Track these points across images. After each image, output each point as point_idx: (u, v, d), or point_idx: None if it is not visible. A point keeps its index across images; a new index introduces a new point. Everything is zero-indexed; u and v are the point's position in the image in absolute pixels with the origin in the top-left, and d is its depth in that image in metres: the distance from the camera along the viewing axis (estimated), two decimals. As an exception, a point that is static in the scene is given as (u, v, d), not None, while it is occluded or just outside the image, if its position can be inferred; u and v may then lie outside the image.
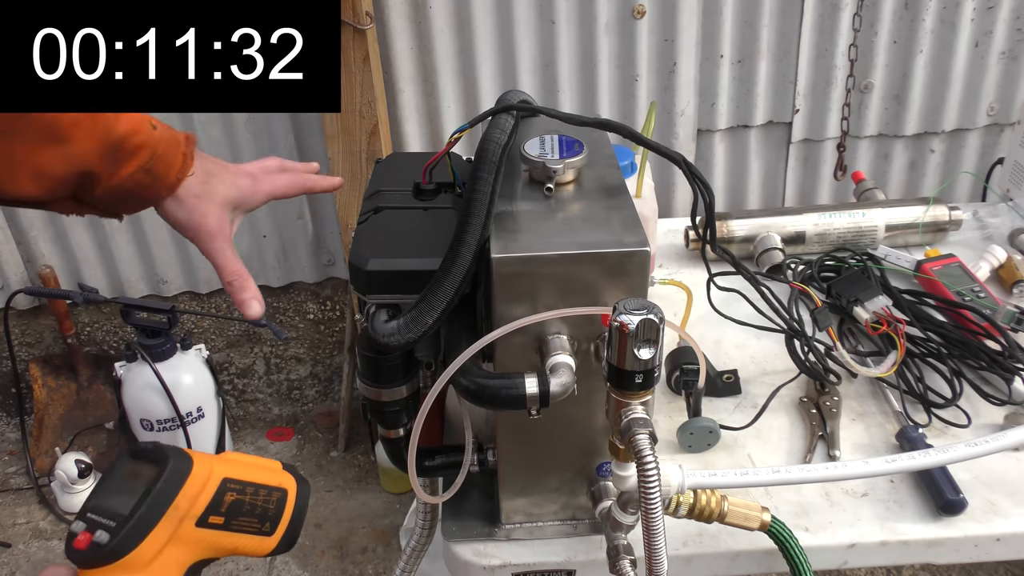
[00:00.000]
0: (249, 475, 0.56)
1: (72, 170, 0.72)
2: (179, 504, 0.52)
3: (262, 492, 0.56)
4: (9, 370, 2.39)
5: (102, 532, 0.50)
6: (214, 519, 0.53)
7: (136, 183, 0.76)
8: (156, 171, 0.76)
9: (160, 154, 0.76)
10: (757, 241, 1.27)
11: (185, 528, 0.52)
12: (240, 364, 2.50)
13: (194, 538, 0.53)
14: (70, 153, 0.71)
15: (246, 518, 0.55)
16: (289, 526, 0.58)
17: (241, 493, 0.55)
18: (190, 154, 0.78)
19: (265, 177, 0.85)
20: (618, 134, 0.81)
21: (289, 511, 0.57)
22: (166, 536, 0.51)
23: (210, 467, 0.54)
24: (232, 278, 0.80)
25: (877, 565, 1.47)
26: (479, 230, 0.70)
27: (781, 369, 1.06)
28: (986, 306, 1.09)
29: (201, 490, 0.53)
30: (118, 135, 0.73)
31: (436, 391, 0.71)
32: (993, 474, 0.91)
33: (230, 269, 0.80)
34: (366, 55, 1.86)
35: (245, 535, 0.55)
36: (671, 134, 2.12)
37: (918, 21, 1.98)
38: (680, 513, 0.78)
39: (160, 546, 0.51)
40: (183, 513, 0.52)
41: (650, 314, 0.64)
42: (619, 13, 1.98)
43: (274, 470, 0.59)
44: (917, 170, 2.19)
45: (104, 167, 0.73)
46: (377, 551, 2.09)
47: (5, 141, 0.68)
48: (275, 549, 0.57)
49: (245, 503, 0.55)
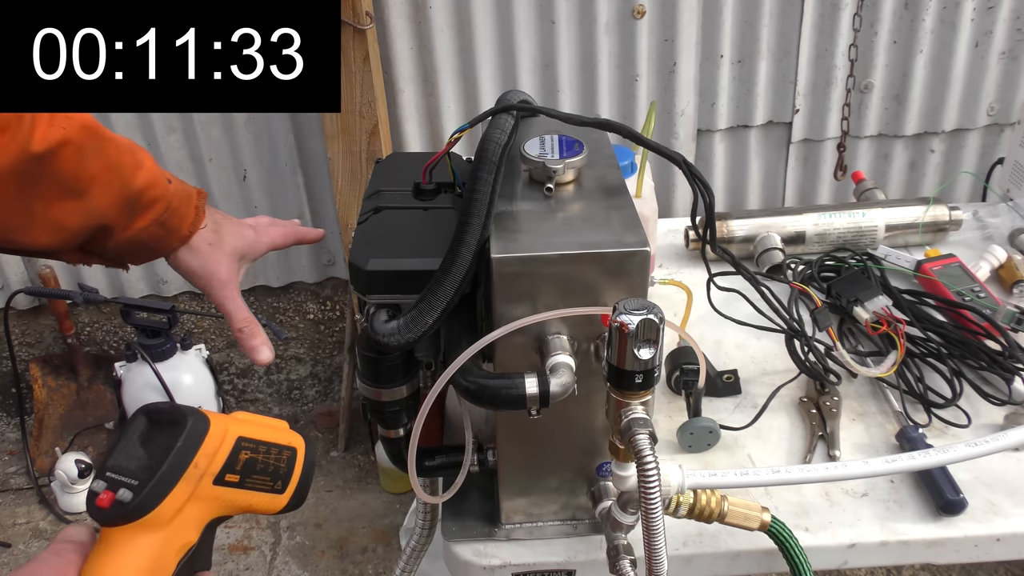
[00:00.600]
0: (261, 434, 0.57)
1: (89, 223, 0.73)
2: (198, 462, 0.53)
3: (273, 451, 0.57)
4: (9, 370, 2.39)
5: (125, 490, 0.51)
6: (230, 477, 0.55)
7: (150, 236, 0.78)
8: (170, 224, 0.78)
9: (174, 208, 0.78)
10: (757, 241, 1.27)
11: (203, 486, 0.53)
12: (240, 364, 2.50)
13: (212, 495, 0.54)
14: (88, 207, 0.72)
15: (260, 476, 0.56)
16: (299, 484, 0.59)
17: (254, 452, 0.56)
18: (202, 208, 0.81)
19: (263, 229, 0.89)
20: (618, 134, 0.81)
21: (299, 469, 0.59)
22: (186, 494, 0.53)
23: (225, 426, 0.55)
24: (243, 325, 0.84)
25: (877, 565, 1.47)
26: (479, 230, 0.70)
27: (781, 369, 1.06)
28: (986, 306, 1.09)
29: (218, 449, 0.54)
30: (135, 189, 0.74)
31: (436, 391, 0.71)
32: (993, 474, 0.91)
33: (241, 317, 0.84)
34: (366, 55, 1.86)
35: (259, 493, 0.57)
36: (671, 134, 2.12)
37: (918, 21, 1.98)
38: (680, 513, 0.78)
39: (180, 504, 0.52)
40: (202, 471, 0.53)
41: (650, 314, 0.64)
42: (619, 13, 1.98)
43: (282, 429, 0.60)
44: (917, 170, 2.19)
45: (120, 220, 0.75)
46: (377, 551, 2.09)
47: (25, 193, 0.69)
48: (286, 507, 0.59)
49: (259, 461, 0.56)
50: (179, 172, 2.17)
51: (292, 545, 2.11)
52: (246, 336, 0.84)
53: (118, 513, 0.51)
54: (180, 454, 0.53)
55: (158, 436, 0.54)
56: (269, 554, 2.09)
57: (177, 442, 0.53)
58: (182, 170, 2.17)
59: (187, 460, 0.53)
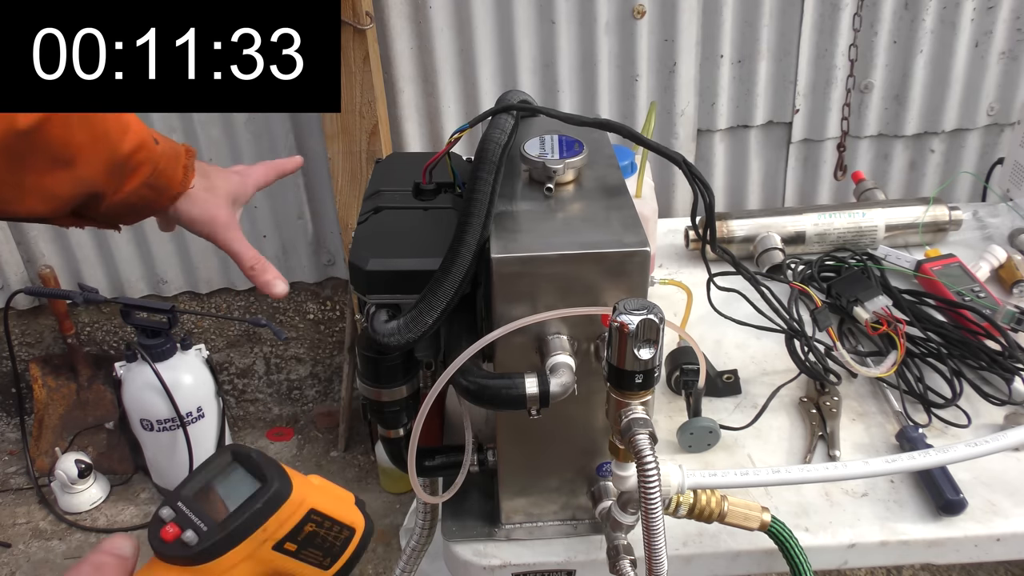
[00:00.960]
0: (330, 508, 0.57)
1: (80, 190, 0.74)
2: (268, 527, 0.53)
3: (335, 528, 0.57)
4: (9, 370, 2.39)
5: (192, 533, 0.51)
6: (289, 545, 0.54)
7: (140, 197, 0.79)
8: (159, 185, 0.80)
9: (162, 168, 0.79)
10: (757, 241, 1.27)
11: (263, 549, 0.53)
12: (240, 364, 2.50)
13: (266, 559, 0.53)
14: (78, 175, 0.73)
15: (315, 550, 0.56)
16: (345, 565, 0.59)
17: (320, 526, 0.56)
18: (191, 166, 0.82)
19: (247, 171, 0.92)
20: (618, 134, 0.81)
21: (350, 551, 0.59)
22: (245, 554, 0.52)
23: (303, 496, 0.54)
24: (254, 263, 0.86)
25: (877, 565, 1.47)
26: (479, 230, 0.70)
27: (781, 369, 1.06)
28: (986, 306, 1.09)
29: (290, 517, 0.54)
30: (123, 154, 0.75)
31: (436, 391, 0.71)
32: (993, 474, 0.91)
33: (250, 255, 0.86)
34: (366, 55, 1.86)
35: (307, 565, 0.56)
36: (671, 134, 2.12)
37: (918, 21, 1.98)
38: (680, 513, 0.78)
39: (236, 562, 0.52)
40: (267, 536, 0.53)
41: (650, 314, 0.64)
42: (619, 13, 1.98)
43: (349, 504, 0.60)
44: (917, 170, 2.19)
45: (110, 185, 0.76)
46: (377, 551, 2.09)
47: (16, 168, 0.69)
48: None
49: (319, 536, 0.56)
50: (179, 172, 2.17)
51: (292, 545, 2.11)
52: (258, 272, 0.86)
53: (178, 553, 0.51)
54: (255, 516, 0.52)
55: (239, 485, 0.54)
56: (269, 554, 2.09)
57: (257, 503, 0.52)
58: (182, 170, 2.17)
59: (259, 523, 0.52)
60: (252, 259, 0.86)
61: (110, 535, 0.54)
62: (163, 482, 2.21)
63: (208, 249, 2.28)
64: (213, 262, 2.30)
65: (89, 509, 2.21)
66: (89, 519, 2.20)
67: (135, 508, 2.23)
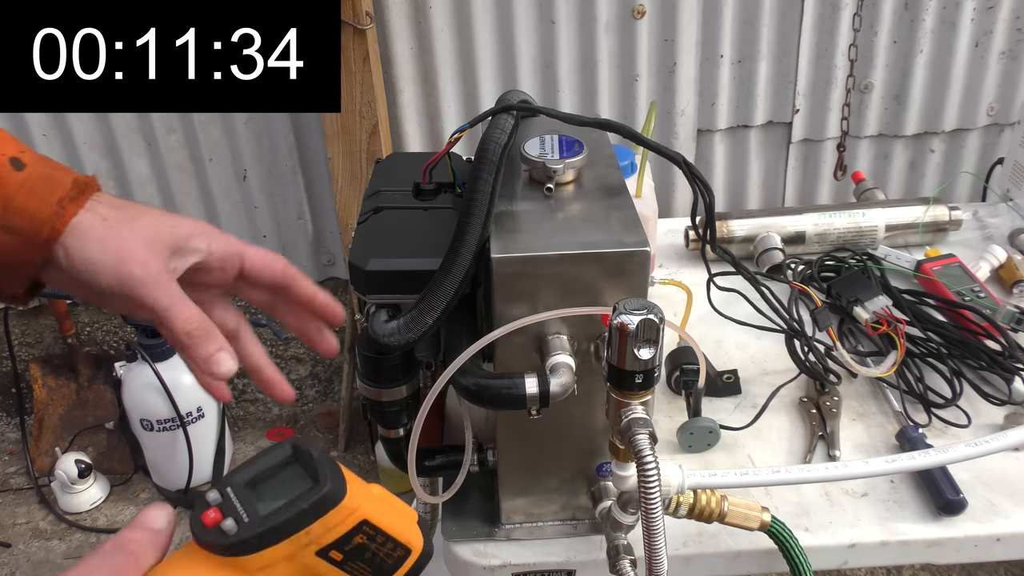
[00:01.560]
0: (387, 523, 0.53)
1: None
2: (312, 530, 0.49)
3: (389, 545, 0.53)
4: (9, 370, 2.39)
5: (232, 522, 0.48)
6: (334, 554, 0.50)
7: None
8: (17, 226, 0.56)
9: (18, 206, 0.56)
10: (757, 241, 1.27)
11: (305, 552, 0.50)
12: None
13: (307, 564, 0.50)
14: None
15: (363, 564, 0.52)
16: None
17: (372, 540, 0.52)
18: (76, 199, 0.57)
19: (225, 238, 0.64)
20: (618, 134, 0.81)
21: (401, 574, 0.54)
22: (285, 554, 0.49)
23: (358, 504, 0.51)
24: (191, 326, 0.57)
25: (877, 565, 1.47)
26: (479, 230, 0.70)
27: (781, 369, 1.06)
28: (986, 306, 1.09)
29: (339, 524, 0.50)
30: None
31: (436, 391, 0.71)
32: (993, 474, 0.91)
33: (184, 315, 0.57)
34: (366, 55, 1.86)
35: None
36: (671, 134, 2.12)
37: (918, 21, 1.98)
38: (680, 513, 0.78)
39: (274, 561, 0.49)
40: (311, 540, 0.49)
41: (650, 314, 0.64)
42: (619, 13, 1.98)
43: (410, 522, 0.55)
44: (917, 170, 2.19)
45: None
46: (377, 551, 2.09)
47: None
48: None
49: (369, 550, 0.52)
50: (179, 172, 2.17)
51: (292, 545, 2.11)
52: (197, 342, 0.57)
53: (214, 540, 0.48)
54: (300, 517, 0.49)
55: (293, 481, 0.50)
56: (269, 554, 2.09)
57: (304, 504, 0.49)
58: (182, 170, 2.17)
59: (303, 524, 0.49)
60: (187, 320, 0.57)
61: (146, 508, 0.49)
62: (163, 482, 2.21)
63: (208, 249, 2.28)
64: (213, 262, 2.30)
65: (89, 509, 2.21)
66: (89, 519, 2.20)
67: (135, 508, 2.23)
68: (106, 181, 2.16)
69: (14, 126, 2.08)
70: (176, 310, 0.57)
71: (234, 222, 2.24)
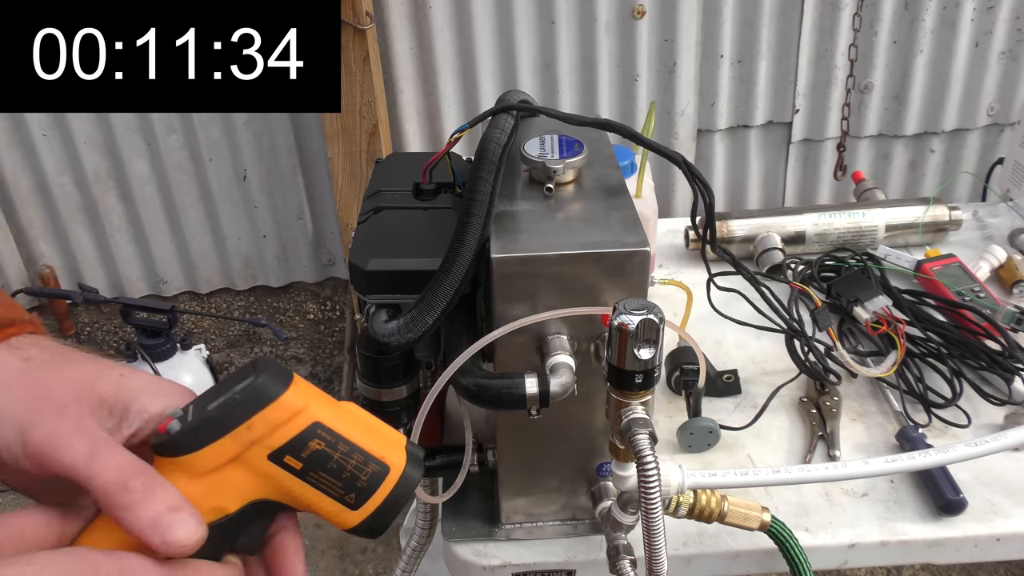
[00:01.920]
0: (352, 433, 0.49)
1: None
2: (253, 425, 0.46)
3: (356, 457, 0.49)
4: (9, 370, 2.39)
5: (176, 422, 0.47)
6: (290, 460, 0.47)
7: None
8: None
9: None
10: (757, 241, 1.27)
11: (255, 455, 0.47)
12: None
13: (263, 471, 0.47)
14: None
15: (328, 476, 0.48)
16: (378, 510, 0.50)
17: (331, 447, 0.48)
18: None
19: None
20: (618, 134, 0.81)
21: (384, 493, 0.50)
22: (231, 454, 0.46)
23: (305, 403, 0.48)
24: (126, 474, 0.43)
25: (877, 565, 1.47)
26: (479, 230, 0.70)
27: (781, 369, 1.06)
28: (986, 306, 1.09)
29: (285, 422, 0.47)
30: None
31: (436, 391, 0.71)
32: (993, 474, 0.91)
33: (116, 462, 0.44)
34: (366, 55, 1.86)
35: (323, 495, 0.49)
36: (671, 134, 2.12)
37: (918, 21, 1.98)
38: (680, 513, 0.78)
39: (222, 461, 0.46)
40: (255, 437, 0.46)
41: (650, 314, 0.64)
42: (619, 13, 1.98)
43: (388, 441, 0.51)
44: (917, 170, 2.19)
45: None
46: (377, 551, 2.09)
47: None
48: (357, 528, 0.50)
49: (332, 459, 0.48)
50: (179, 172, 2.17)
51: (292, 545, 2.11)
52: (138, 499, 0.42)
53: (161, 441, 0.47)
54: (233, 407, 0.46)
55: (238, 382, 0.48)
56: (269, 554, 2.09)
57: (238, 396, 0.46)
58: (182, 170, 2.17)
59: (239, 417, 0.46)
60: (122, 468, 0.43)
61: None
62: (163, 482, 2.21)
63: (208, 249, 2.28)
64: (213, 262, 2.30)
65: (89, 509, 2.21)
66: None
67: (135, 508, 2.23)
68: (106, 181, 2.17)
69: (14, 126, 2.08)
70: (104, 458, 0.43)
71: (234, 222, 2.24)
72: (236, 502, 0.47)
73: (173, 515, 0.43)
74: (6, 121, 2.08)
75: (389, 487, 0.50)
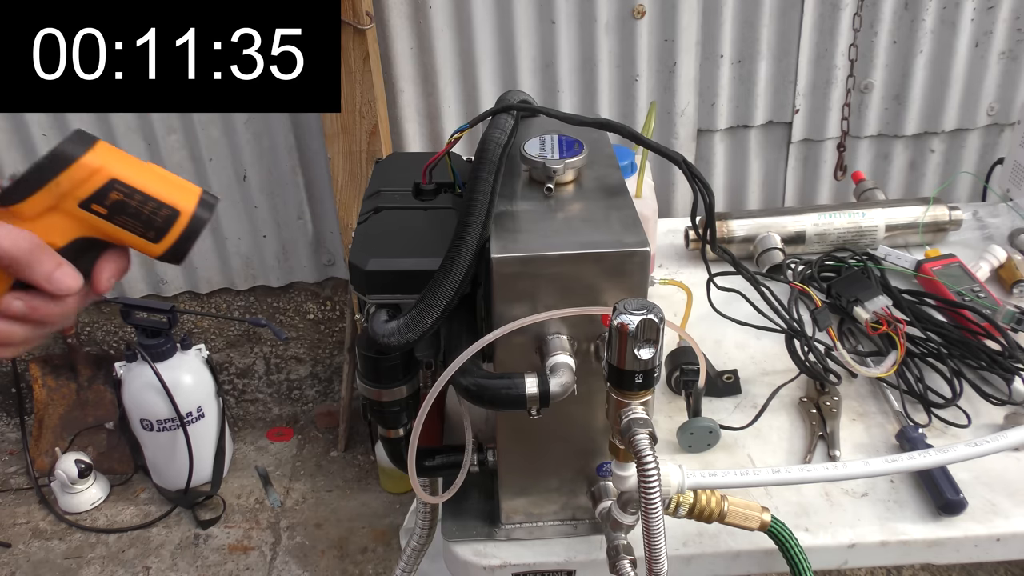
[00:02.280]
0: (145, 185, 0.61)
1: None
2: (60, 181, 0.59)
3: (150, 204, 0.61)
4: (9, 370, 2.39)
5: (7, 180, 0.59)
6: (97, 207, 0.60)
7: None
8: None
9: None
10: (757, 241, 1.27)
11: (67, 204, 0.59)
12: (240, 364, 2.50)
13: (78, 216, 0.60)
14: None
15: (130, 219, 0.61)
16: (175, 244, 0.63)
17: (128, 197, 0.61)
18: None
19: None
20: (618, 134, 0.81)
21: (177, 231, 0.63)
22: (47, 203, 0.59)
23: (102, 163, 0.60)
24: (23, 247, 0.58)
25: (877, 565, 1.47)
26: (479, 230, 0.70)
27: (781, 369, 1.06)
28: (986, 306, 1.09)
29: (86, 179, 0.59)
30: None
31: (436, 391, 0.71)
32: (993, 474, 0.91)
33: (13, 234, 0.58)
34: (366, 55, 1.86)
35: (129, 233, 0.62)
36: (671, 134, 2.12)
37: (918, 21, 1.98)
38: (680, 513, 0.78)
39: (42, 209, 0.59)
40: (64, 190, 0.59)
41: (650, 314, 0.64)
42: (619, 13, 1.98)
43: (178, 188, 0.63)
44: (917, 170, 2.19)
45: None
46: (377, 551, 2.09)
47: None
48: (163, 256, 0.64)
49: (130, 206, 0.61)
50: (179, 172, 2.15)
51: (292, 545, 2.11)
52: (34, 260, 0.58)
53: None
54: (43, 168, 0.59)
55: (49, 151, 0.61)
56: (269, 554, 2.09)
57: (45, 160, 0.59)
58: (182, 170, 2.17)
59: (48, 175, 0.59)
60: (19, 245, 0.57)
61: None
62: (163, 482, 2.21)
63: (208, 249, 2.28)
64: (213, 262, 2.30)
65: (89, 509, 2.21)
66: (89, 519, 2.20)
67: (135, 508, 2.23)
68: (106, 181, 2.16)
69: (14, 126, 2.08)
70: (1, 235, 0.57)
71: (234, 222, 2.24)
72: (63, 239, 0.60)
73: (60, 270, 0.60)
74: (6, 121, 2.08)
75: (181, 226, 0.63)
